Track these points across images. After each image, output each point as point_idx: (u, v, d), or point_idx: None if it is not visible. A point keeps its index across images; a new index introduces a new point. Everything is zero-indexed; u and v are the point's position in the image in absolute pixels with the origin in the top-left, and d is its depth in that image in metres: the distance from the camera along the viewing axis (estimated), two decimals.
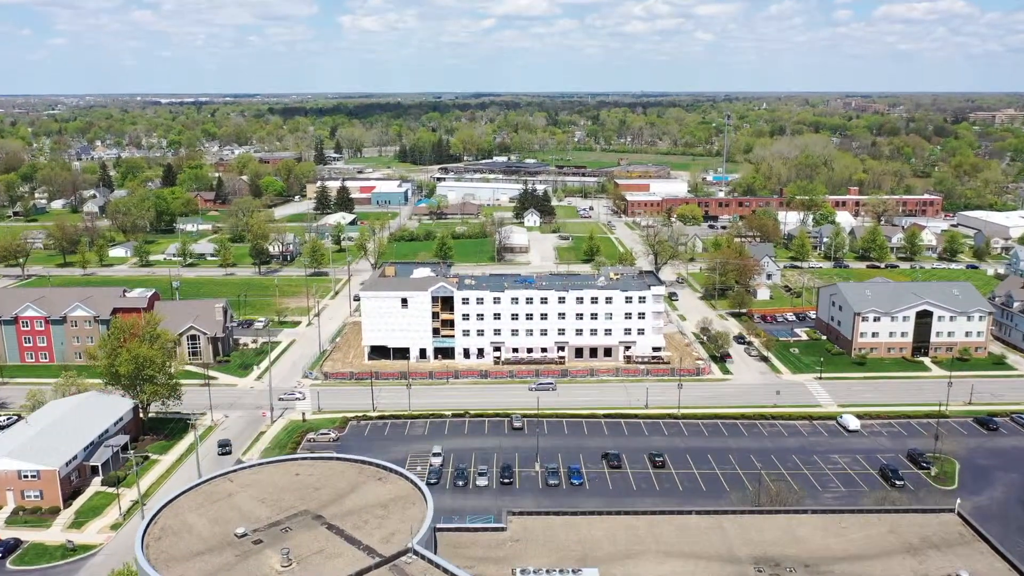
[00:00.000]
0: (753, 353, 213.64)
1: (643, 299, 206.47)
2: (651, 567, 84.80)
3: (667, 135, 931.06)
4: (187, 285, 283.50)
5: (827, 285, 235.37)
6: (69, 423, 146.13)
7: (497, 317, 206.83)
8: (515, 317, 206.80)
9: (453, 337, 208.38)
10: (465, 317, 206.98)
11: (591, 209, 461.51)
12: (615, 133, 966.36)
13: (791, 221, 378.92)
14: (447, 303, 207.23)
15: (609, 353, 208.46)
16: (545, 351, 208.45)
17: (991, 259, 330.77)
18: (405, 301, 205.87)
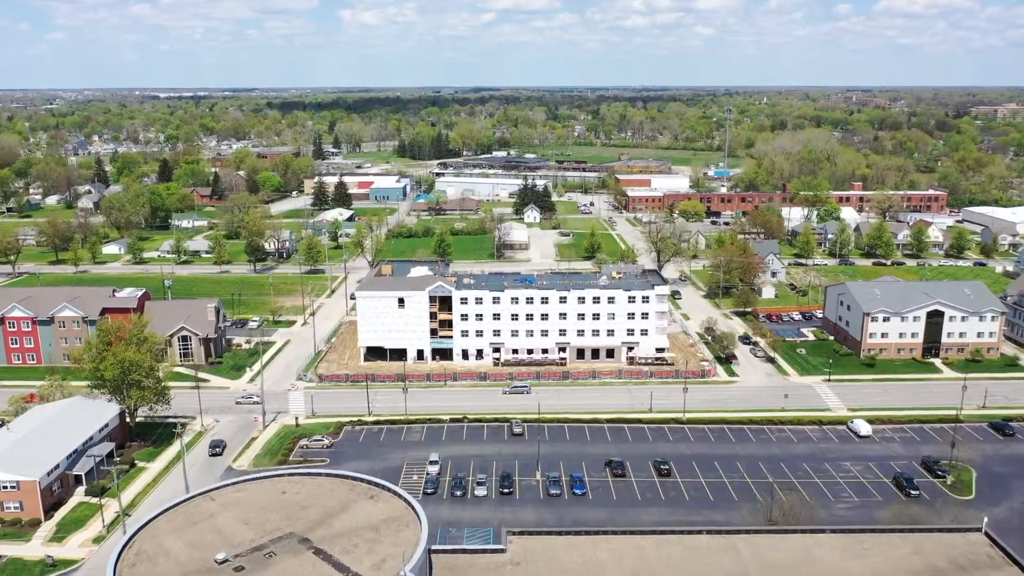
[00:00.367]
0: (759, 354, 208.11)
1: (646, 299, 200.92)
2: None
3: (667, 130, 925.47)
4: (180, 283, 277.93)
5: (835, 284, 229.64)
6: (52, 430, 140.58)
7: (496, 317, 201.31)
8: (515, 317, 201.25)
9: (451, 338, 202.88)
10: (464, 317, 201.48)
11: (592, 205, 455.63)
12: (615, 128, 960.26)
13: (795, 217, 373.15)
14: (445, 303, 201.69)
15: (612, 354, 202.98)
16: (546, 352, 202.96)
17: (999, 256, 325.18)
18: (402, 301, 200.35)
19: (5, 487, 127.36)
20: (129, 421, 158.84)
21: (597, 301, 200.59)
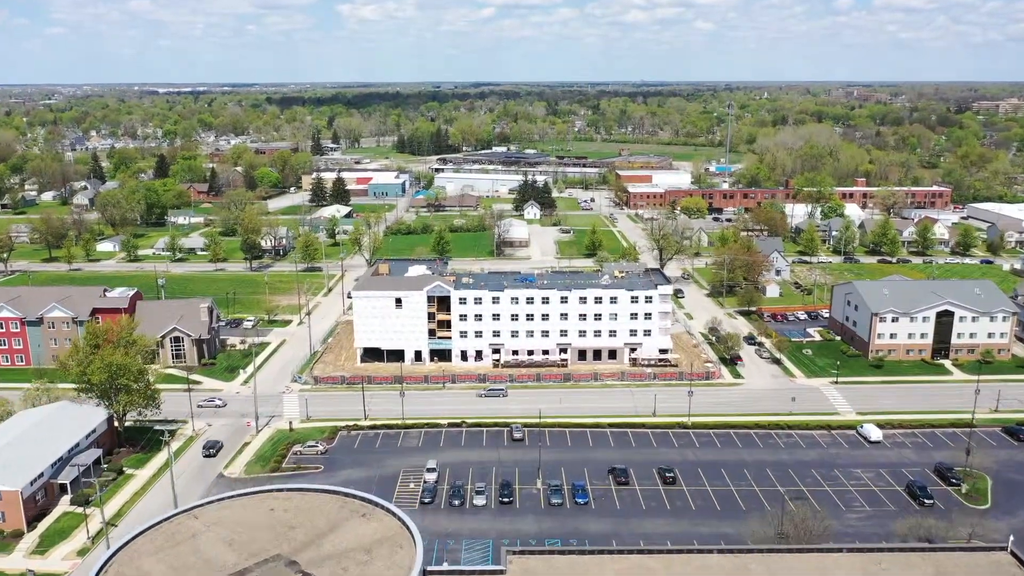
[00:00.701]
0: (764, 355, 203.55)
1: (649, 298, 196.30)
2: None
3: (668, 125, 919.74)
4: (175, 281, 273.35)
5: (841, 283, 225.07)
6: (36, 437, 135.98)
7: (496, 318, 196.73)
8: (515, 318, 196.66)
9: (450, 339, 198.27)
10: (463, 318, 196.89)
11: (592, 201, 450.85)
12: (616, 123, 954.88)
13: (798, 214, 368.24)
14: (443, 303, 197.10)
15: (614, 355, 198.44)
16: (547, 353, 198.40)
17: (1006, 253, 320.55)
18: (399, 301, 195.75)
19: None
20: (118, 426, 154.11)
21: (599, 301, 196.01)
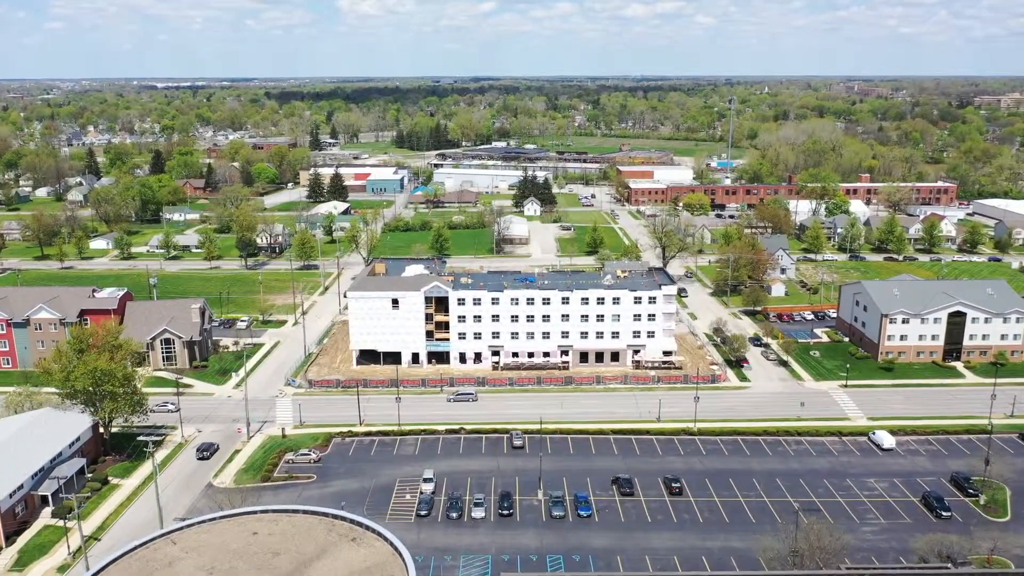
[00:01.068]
0: (771, 357, 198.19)
1: (653, 299, 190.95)
2: None
3: (669, 120, 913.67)
4: (169, 280, 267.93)
5: (849, 283, 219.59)
6: (17, 446, 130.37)
7: (496, 319, 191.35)
8: (515, 319, 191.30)
9: (448, 340, 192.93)
10: (461, 319, 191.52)
11: (593, 197, 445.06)
12: (616, 118, 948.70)
13: (802, 210, 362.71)
14: (442, 304, 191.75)
15: (616, 357, 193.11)
16: (547, 355, 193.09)
17: (1014, 251, 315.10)
18: (396, 302, 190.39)
19: None
20: (103, 433, 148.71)
21: (601, 302, 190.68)
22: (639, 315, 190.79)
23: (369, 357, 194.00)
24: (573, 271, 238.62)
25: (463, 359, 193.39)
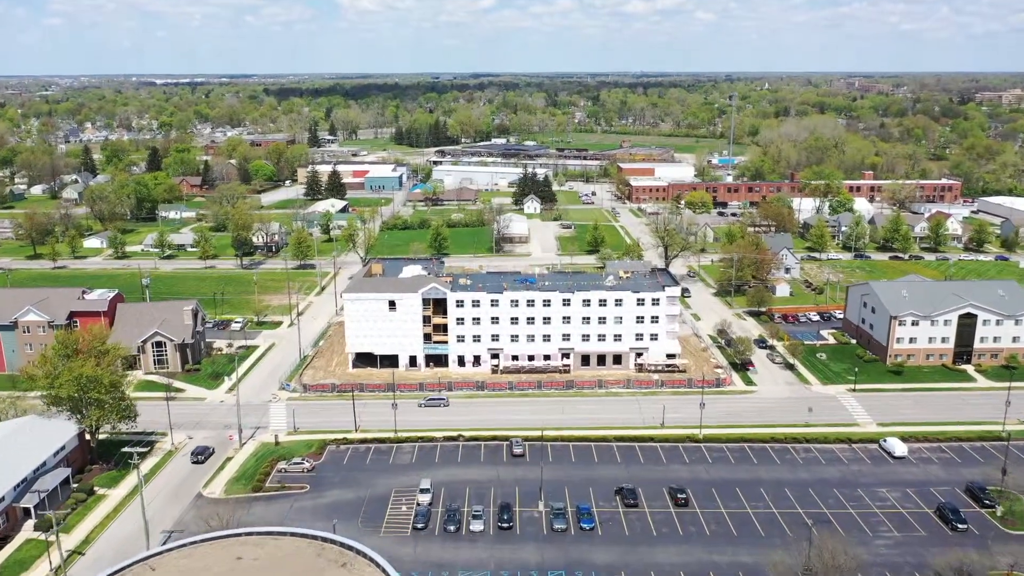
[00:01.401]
0: (777, 359, 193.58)
1: (656, 301, 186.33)
2: None
3: (669, 116, 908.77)
4: (162, 280, 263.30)
5: (857, 283, 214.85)
6: None
7: (495, 321, 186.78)
8: (515, 321, 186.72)
9: (446, 343, 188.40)
10: (460, 321, 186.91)
11: (593, 194, 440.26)
12: (616, 114, 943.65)
13: (806, 208, 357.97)
14: (440, 305, 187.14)
15: (619, 360, 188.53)
16: (548, 358, 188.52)
17: (1021, 250, 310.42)
18: (393, 304, 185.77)
19: None
20: (90, 440, 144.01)
21: (603, 303, 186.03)
22: (642, 317, 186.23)
23: (365, 360, 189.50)
24: (574, 272, 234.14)
25: (462, 362, 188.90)
